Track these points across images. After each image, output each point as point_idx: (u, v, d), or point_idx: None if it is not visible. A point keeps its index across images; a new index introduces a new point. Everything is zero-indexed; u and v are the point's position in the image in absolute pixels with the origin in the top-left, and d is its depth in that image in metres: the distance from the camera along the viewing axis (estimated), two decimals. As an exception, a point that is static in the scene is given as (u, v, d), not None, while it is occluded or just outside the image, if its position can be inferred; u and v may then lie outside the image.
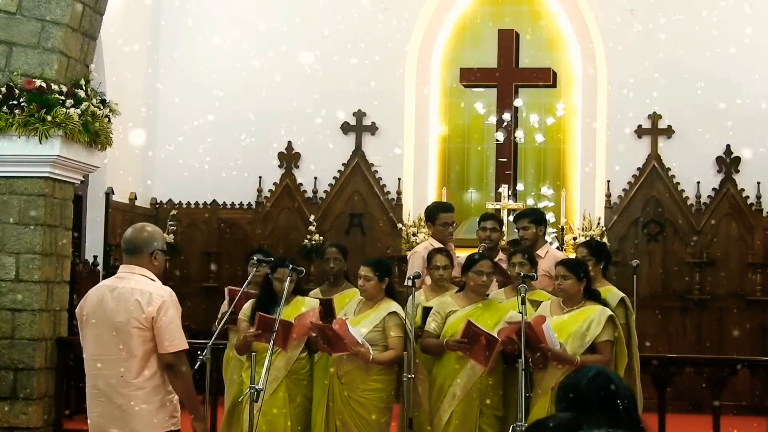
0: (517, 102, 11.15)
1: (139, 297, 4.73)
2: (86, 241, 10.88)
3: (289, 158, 12.15)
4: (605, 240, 11.15)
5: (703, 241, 11.36)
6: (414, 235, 11.58)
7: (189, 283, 11.80)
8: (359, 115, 12.08)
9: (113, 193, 10.91)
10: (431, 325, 6.41)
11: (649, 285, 11.23)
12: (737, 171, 11.37)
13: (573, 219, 11.71)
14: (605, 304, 6.17)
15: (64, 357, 8.33)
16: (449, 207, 7.72)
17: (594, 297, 6.14)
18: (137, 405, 4.73)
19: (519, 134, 11.23)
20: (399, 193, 11.94)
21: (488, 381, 6.28)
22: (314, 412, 6.49)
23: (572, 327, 6.00)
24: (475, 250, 7.12)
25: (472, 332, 6.05)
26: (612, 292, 6.54)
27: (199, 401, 4.90)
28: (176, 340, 4.75)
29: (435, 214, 7.47)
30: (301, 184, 12.09)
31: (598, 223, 11.47)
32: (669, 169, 11.53)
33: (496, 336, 6.04)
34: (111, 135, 8.49)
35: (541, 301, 6.36)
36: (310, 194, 12.07)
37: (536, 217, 7.33)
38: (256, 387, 5.33)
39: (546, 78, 11.15)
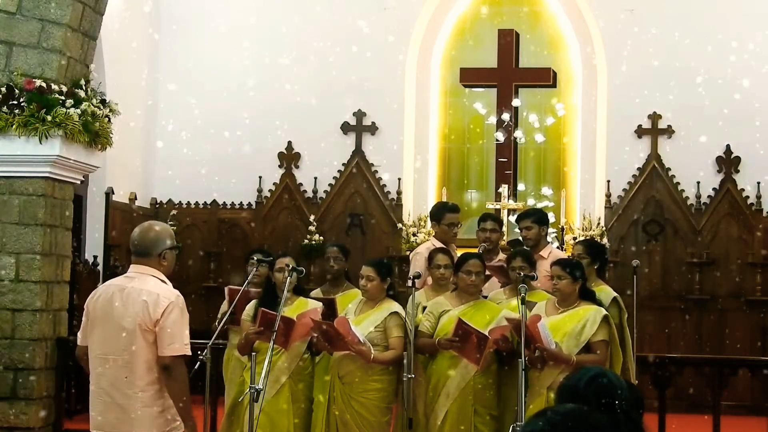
0: (517, 102, 11.14)
1: (146, 298, 4.70)
2: (86, 241, 10.89)
3: (289, 158, 12.15)
4: (605, 240, 11.16)
5: (703, 241, 11.35)
6: (414, 235, 11.58)
7: (189, 283, 11.80)
8: (359, 115, 12.08)
9: (113, 193, 10.91)
10: (424, 324, 6.43)
11: (649, 285, 11.22)
12: (737, 171, 11.37)
13: (573, 219, 11.71)
14: (600, 304, 6.18)
15: (64, 357, 8.32)
16: (455, 207, 7.72)
17: (589, 297, 6.15)
18: (140, 407, 4.70)
19: (519, 134, 11.23)
20: (399, 193, 11.94)
21: (483, 380, 6.29)
22: (315, 412, 6.49)
23: (567, 327, 6.01)
24: (476, 251, 7.13)
25: (463, 330, 6.06)
26: (605, 291, 6.56)
27: (191, 408, 4.80)
28: (176, 344, 4.69)
29: (441, 214, 7.46)
30: (301, 184, 12.09)
31: (598, 223, 11.47)
32: (669, 169, 11.53)
33: (486, 334, 6.05)
34: (111, 135, 8.49)
35: (537, 303, 6.36)
36: (310, 194, 12.07)
37: (539, 217, 7.33)
38: (256, 387, 5.33)
39: (546, 78, 11.15)
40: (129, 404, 4.71)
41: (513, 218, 10.23)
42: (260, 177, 12.05)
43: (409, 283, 6.52)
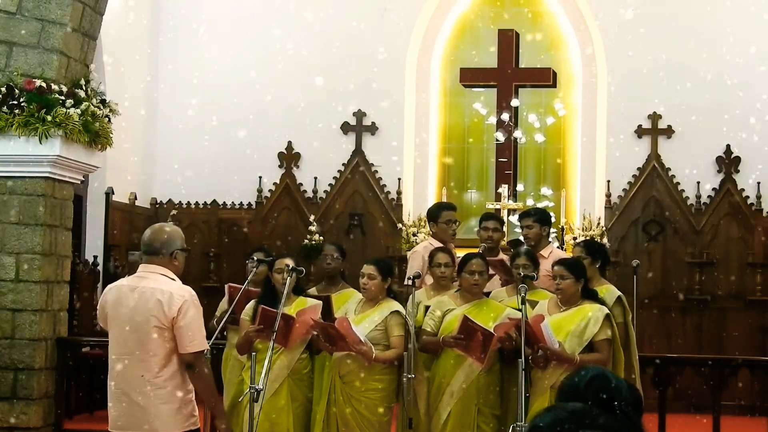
0: (517, 102, 11.14)
1: (160, 296, 4.78)
2: (86, 241, 10.89)
3: (289, 158, 12.15)
4: (605, 240, 11.16)
5: (703, 241, 11.35)
6: (414, 235, 11.58)
7: (189, 283, 11.68)
8: (359, 115, 12.08)
9: (113, 193, 10.91)
10: (429, 323, 6.43)
11: (649, 285, 11.22)
12: (737, 171, 11.37)
13: (573, 219, 11.71)
14: (603, 303, 6.17)
15: (64, 357, 8.34)
16: (452, 206, 7.74)
17: (591, 296, 6.15)
18: (157, 404, 4.77)
19: (519, 134, 11.23)
20: (399, 193, 11.94)
21: (486, 379, 6.29)
22: (314, 412, 6.49)
23: (570, 326, 6.01)
24: (476, 250, 7.13)
25: (468, 328, 6.06)
26: (609, 291, 6.55)
27: (220, 400, 4.93)
28: (196, 341, 4.80)
29: (438, 213, 7.48)
30: (301, 184, 12.10)
31: (598, 223, 11.47)
32: (669, 169, 11.53)
33: (492, 331, 6.04)
34: (111, 135, 8.49)
35: (539, 301, 6.36)
36: (310, 194, 12.07)
37: (540, 216, 7.33)
38: (256, 387, 5.33)
39: (546, 78, 11.15)
40: (147, 402, 4.77)
41: (513, 218, 10.24)
42: (260, 177, 12.05)
43: (409, 282, 6.52)
